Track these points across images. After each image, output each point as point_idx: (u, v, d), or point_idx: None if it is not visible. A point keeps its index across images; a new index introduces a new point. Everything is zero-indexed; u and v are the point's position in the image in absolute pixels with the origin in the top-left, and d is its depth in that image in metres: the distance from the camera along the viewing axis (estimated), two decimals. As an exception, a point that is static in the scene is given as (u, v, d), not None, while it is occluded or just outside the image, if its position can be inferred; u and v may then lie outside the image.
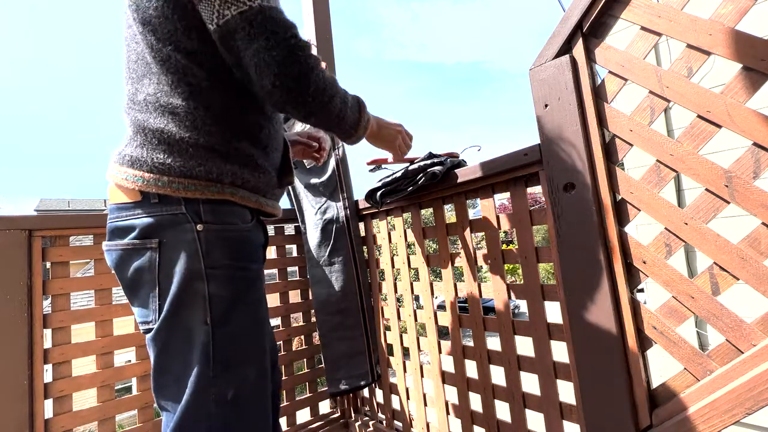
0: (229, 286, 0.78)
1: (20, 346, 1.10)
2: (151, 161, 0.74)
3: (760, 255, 0.72)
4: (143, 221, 0.75)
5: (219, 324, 0.75)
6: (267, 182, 0.86)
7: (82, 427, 1.29)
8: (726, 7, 0.76)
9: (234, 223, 0.80)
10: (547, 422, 1.05)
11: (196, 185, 0.75)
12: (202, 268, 0.75)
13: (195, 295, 0.74)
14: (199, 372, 0.74)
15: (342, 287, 1.62)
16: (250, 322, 0.82)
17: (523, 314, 17.42)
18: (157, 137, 0.75)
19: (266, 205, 0.89)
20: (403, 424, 1.55)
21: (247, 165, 0.81)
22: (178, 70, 0.75)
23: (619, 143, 0.90)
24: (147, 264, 0.75)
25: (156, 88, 0.76)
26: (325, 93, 0.75)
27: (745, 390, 0.70)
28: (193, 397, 0.74)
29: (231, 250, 0.79)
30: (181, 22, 0.73)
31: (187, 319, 0.75)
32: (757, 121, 0.72)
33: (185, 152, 0.75)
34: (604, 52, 0.92)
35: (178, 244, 0.75)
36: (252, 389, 0.80)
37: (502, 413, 1.20)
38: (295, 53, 0.69)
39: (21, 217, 1.15)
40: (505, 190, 1.14)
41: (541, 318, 1.05)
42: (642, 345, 0.86)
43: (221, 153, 0.77)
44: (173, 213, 0.75)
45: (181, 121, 0.75)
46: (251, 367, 0.81)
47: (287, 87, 0.70)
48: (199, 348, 0.74)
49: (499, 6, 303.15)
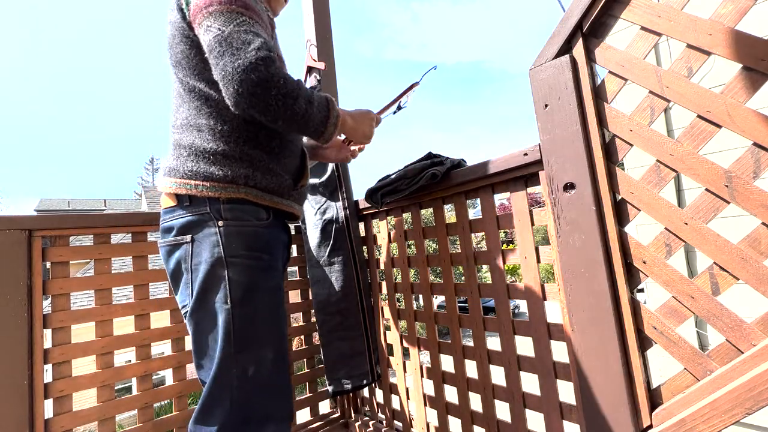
0: (246, 272, 0.91)
1: (20, 346, 1.10)
2: (182, 169, 0.92)
3: (760, 255, 0.72)
4: (181, 221, 0.92)
5: (238, 305, 0.89)
6: (280, 184, 0.99)
7: (82, 427, 1.29)
8: (726, 7, 0.76)
9: (248, 220, 0.94)
10: (547, 422, 1.05)
11: (217, 186, 0.91)
12: (223, 257, 0.89)
13: (218, 279, 0.89)
14: (222, 347, 0.88)
15: (342, 287, 1.62)
16: (267, 306, 0.94)
17: (523, 314, 17.43)
18: (187, 150, 0.93)
19: (282, 204, 1.01)
20: (403, 424, 1.55)
21: (258, 168, 0.95)
22: (201, 97, 0.93)
23: (619, 143, 0.90)
24: (183, 256, 0.92)
25: (187, 113, 0.95)
26: (288, 96, 0.82)
27: (745, 390, 0.70)
28: (219, 370, 0.87)
29: (246, 242, 0.92)
30: (197, 57, 0.91)
31: (212, 301, 0.89)
32: (757, 121, 0.72)
33: (208, 160, 0.91)
34: (604, 52, 0.92)
35: (205, 239, 0.91)
36: (271, 369, 0.93)
37: (502, 413, 1.20)
38: (256, 63, 0.79)
39: (21, 217, 1.15)
40: (505, 190, 1.14)
41: (541, 318, 1.05)
42: (642, 345, 0.85)
43: (236, 158, 0.93)
44: (201, 213, 0.91)
45: (205, 136, 0.92)
46: (269, 347, 0.93)
47: (250, 92, 0.79)
48: (223, 326, 0.88)
49: (499, 6, 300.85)
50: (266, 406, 0.92)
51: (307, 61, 1.82)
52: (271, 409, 0.93)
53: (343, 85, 23.46)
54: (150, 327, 1.36)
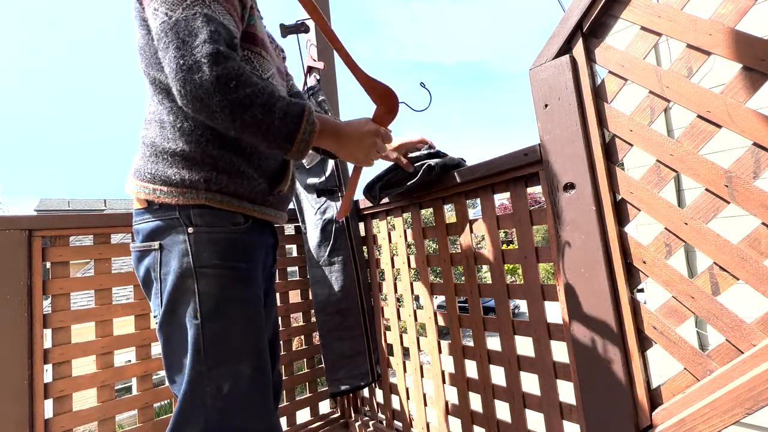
0: (218, 283, 0.83)
1: (20, 346, 1.10)
2: (144, 171, 0.84)
3: (760, 255, 0.72)
4: (148, 226, 0.85)
5: (208, 319, 0.81)
6: (252, 188, 0.88)
7: (82, 427, 1.29)
8: (726, 7, 0.76)
9: (222, 225, 0.85)
10: (547, 422, 1.05)
11: (173, 192, 0.82)
12: (192, 267, 0.81)
13: (186, 292, 0.81)
14: (191, 365, 0.80)
15: (342, 287, 1.62)
16: (243, 319, 0.86)
17: (523, 314, 17.42)
18: (149, 150, 0.84)
19: (254, 211, 0.89)
20: (403, 424, 1.55)
21: (225, 171, 0.84)
22: (162, 90, 0.83)
23: (619, 143, 0.90)
24: (152, 264, 0.85)
25: (152, 107, 0.86)
26: (236, 104, 0.70)
27: (745, 390, 0.70)
28: (189, 388, 0.80)
29: (219, 251, 0.84)
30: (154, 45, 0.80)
31: (181, 315, 0.82)
32: (757, 121, 0.72)
33: (166, 161, 0.82)
34: (604, 52, 0.92)
35: (173, 246, 0.82)
36: (249, 385, 0.84)
37: (502, 413, 1.20)
38: (199, 61, 0.68)
39: (21, 217, 1.15)
40: (505, 190, 1.14)
41: (541, 318, 1.05)
42: (642, 345, 0.85)
43: (197, 161, 0.82)
44: (170, 218, 0.83)
45: (167, 133, 0.83)
46: (246, 362, 0.84)
47: (193, 95, 0.69)
48: (192, 342, 0.80)
49: (499, 6, 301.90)
50: (244, 423, 0.84)
51: (307, 61, 1.83)
52: (249, 427, 0.85)
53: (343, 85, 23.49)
54: (150, 327, 1.35)
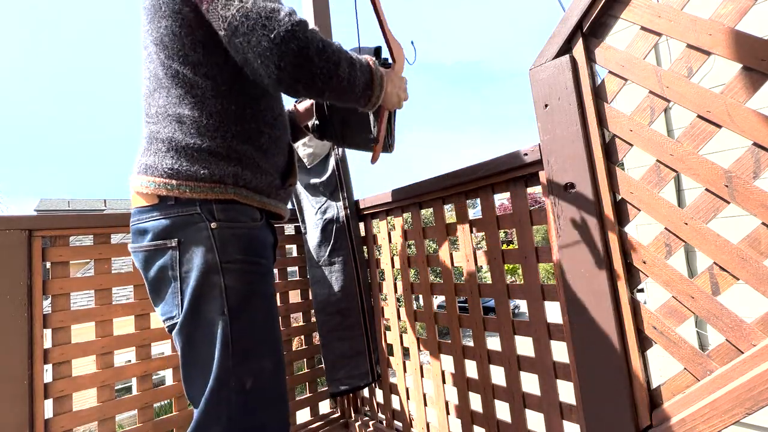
0: (243, 278, 0.83)
1: (20, 346, 1.10)
2: (161, 167, 0.82)
3: (760, 255, 0.72)
4: (161, 222, 0.82)
5: (236, 314, 0.81)
6: (269, 183, 0.91)
7: (82, 427, 1.29)
8: (726, 7, 0.76)
9: (244, 221, 0.86)
10: (547, 422, 1.05)
11: (202, 187, 0.81)
12: (217, 262, 0.81)
13: (213, 288, 0.80)
14: (220, 361, 0.80)
15: (342, 287, 1.62)
16: (265, 314, 0.88)
17: (523, 314, 17.42)
18: (166, 145, 0.82)
19: (270, 204, 0.93)
20: (403, 424, 1.55)
21: (248, 167, 0.86)
22: (185, 84, 0.82)
23: (619, 143, 0.90)
24: (169, 262, 0.82)
25: (165, 100, 0.83)
26: (330, 61, 0.76)
27: (745, 390, 0.70)
28: (216, 385, 0.79)
29: (242, 246, 0.85)
30: (188, 38, 0.80)
31: (207, 311, 0.81)
32: (757, 121, 0.72)
33: (191, 157, 0.82)
34: (604, 52, 0.92)
35: (196, 242, 0.81)
36: (270, 380, 0.86)
37: (502, 413, 1.20)
38: (293, 30, 0.71)
39: (21, 217, 1.15)
40: (505, 190, 1.14)
41: (541, 318, 1.05)
42: (642, 345, 0.85)
43: (223, 156, 0.83)
44: (189, 213, 0.82)
45: (188, 129, 0.82)
46: (267, 358, 0.86)
47: (294, 65, 0.72)
48: (220, 338, 0.80)
49: (499, 5, 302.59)
50: (263, 417, 0.85)
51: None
52: (269, 420, 0.87)
53: (343, 85, 23.40)
54: (150, 327, 1.35)
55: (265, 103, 0.91)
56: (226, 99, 0.84)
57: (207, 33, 0.80)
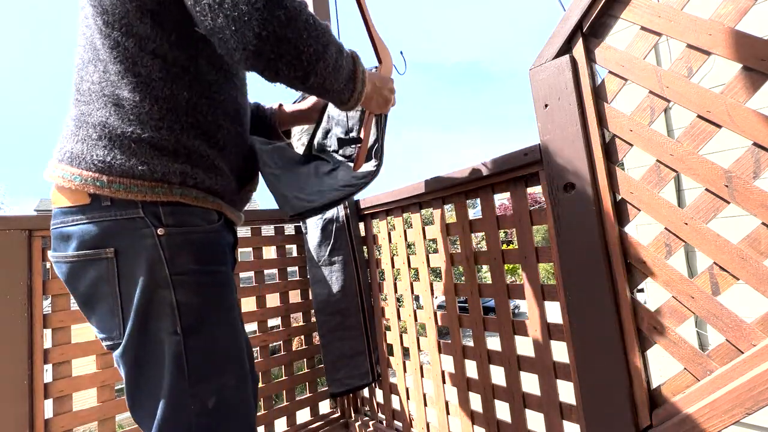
0: (199, 292, 0.72)
1: (20, 346, 1.10)
2: (90, 158, 0.67)
3: (760, 255, 0.72)
4: (93, 228, 0.68)
5: (191, 333, 0.70)
6: (225, 186, 0.79)
7: (82, 427, 1.29)
8: (726, 7, 0.76)
9: (198, 225, 0.74)
10: (547, 422, 1.05)
11: (139, 186, 0.67)
12: (167, 275, 0.69)
13: (161, 304, 0.69)
14: (173, 384, 0.69)
15: (342, 287, 1.62)
16: (226, 328, 0.78)
17: (523, 314, 17.43)
18: (98, 131, 0.67)
19: (226, 208, 0.81)
20: (403, 424, 1.55)
21: (199, 165, 0.74)
22: (127, 59, 0.67)
23: (619, 143, 0.90)
24: (105, 275, 0.69)
25: (101, 76, 0.68)
26: (319, 41, 0.63)
27: (745, 390, 0.70)
28: (170, 411, 0.69)
29: (197, 254, 0.73)
30: (133, 3, 0.66)
31: (156, 331, 0.69)
32: (757, 121, 0.72)
33: (128, 148, 0.67)
34: (604, 52, 0.92)
35: (138, 252, 0.68)
36: (234, 395, 0.77)
37: (502, 413, 1.20)
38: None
39: (21, 217, 1.15)
40: (505, 190, 1.14)
41: (541, 318, 1.05)
42: (642, 345, 0.85)
43: (168, 150, 0.70)
44: (129, 217, 0.68)
45: (126, 114, 0.67)
46: (230, 373, 0.77)
47: (276, 36, 0.58)
48: (173, 359, 0.69)
49: (499, 5, 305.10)
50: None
51: None
52: None
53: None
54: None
55: (226, 92, 0.78)
56: (177, 83, 0.70)
57: (158, 1, 0.67)
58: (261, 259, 1.66)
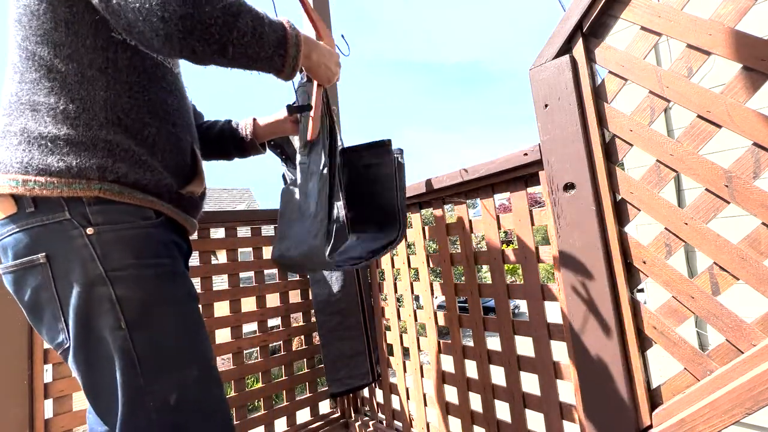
0: (140, 285, 0.72)
1: (20, 346, 1.10)
2: (10, 162, 0.68)
3: (760, 255, 0.72)
4: (23, 236, 0.69)
5: (137, 327, 0.70)
6: (156, 181, 0.77)
7: (82, 427, 1.29)
8: (726, 7, 0.76)
9: (130, 221, 0.73)
10: (547, 422, 1.05)
11: (56, 183, 0.67)
12: (101, 272, 0.69)
13: (101, 302, 0.69)
14: (125, 381, 0.69)
15: (342, 287, 1.62)
16: (180, 319, 0.77)
17: (523, 314, 17.42)
18: (17, 137, 0.69)
19: (162, 206, 0.79)
20: (403, 424, 1.55)
21: (124, 160, 0.73)
22: (42, 66, 0.70)
23: (619, 143, 0.90)
24: (42, 282, 0.69)
25: (18, 87, 0.71)
26: (227, 12, 0.65)
27: (745, 390, 0.70)
28: (127, 409, 0.69)
29: (133, 249, 0.72)
30: (47, 15, 0.69)
31: (100, 328, 0.69)
32: (757, 121, 0.72)
33: (44, 147, 0.68)
34: (604, 52, 0.92)
35: (69, 253, 0.69)
36: (199, 389, 0.76)
37: (502, 413, 1.20)
38: None
39: (21, 217, 1.14)
40: (505, 190, 1.14)
41: (541, 318, 1.05)
42: (642, 345, 0.85)
43: (86, 146, 0.70)
44: (56, 221, 0.68)
45: (42, 117, 0.69)
46: (192, 365, 0.75)
47: (177, 15, 0.60)
48: (120, 355, 0.69)
49: (499, 5, 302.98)
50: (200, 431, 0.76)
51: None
52: None
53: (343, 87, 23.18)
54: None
55: (152, 93, 0.79)
56: (94, 84, 0.71)
57: (72, 11, 0.69)
58: (261, 259, 1.66)
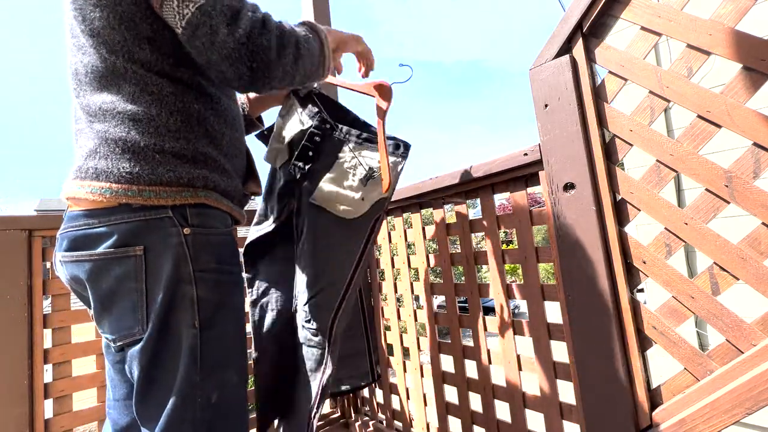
0: (216, 289, 0.78)
1: (20, 346, 1.10)
2: (117, 171, 0.71)
3: (760, 255, 0.72)
4: (121, 228, 0.72)
5: (206, 327, 0.75)
6: (235, 187, 0.86)
7: (82, 427, 1.29)
8: (726, 7, 0.76)
9: (217, 227, 0.80)
10: (547, 422, 1.05)
11: (168, 191, 0.73)
12: (190, 272, 0.74)
13: (183, 299, 0.74)
14: (186, 376, 0.73)
15: (342, 287, 1.61)
16: (235, 325, 0.83)
17: (523, 314, 17.42)
18: (120, 146, 0.72)
19: (235, 210, 0.87)
20: (403, 424, 1.55)
21: (215, 170, 0.80)
22: (138, 82, 0.73)
23: (619, 143, 0.90)
24: (132, 272, 0.72)
25: (114, 97, 0.73)
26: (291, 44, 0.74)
27: (746, 390, 0.70)
28: (180, 401, 0.73)
29: (216, 254, 0.79)
30: (130, 32, 0.71)
31: (177, 324, 0.74)
32: (757, 121, 0.72)
33: (152, 159, 0.73)
34: (604, 52, 0.92)
35: (165, 249, 0.73)
36: (234, 393, 0.81)
37: (502, 413, 1.20)
38: (259, 29, 0.69)
39: (21, 217, 1.15)
40: (505, 190, 1.14)
41: (541, 318, 1.05)
42: (642, 345, 0.85)
43: (189, 159, 0.76)
44: (158, 217, 0.73)
45: (144, 128, 0.73)
46: (233, 370, 0.81)
47: (265, 63, 0.69)
48: (187, 352, 0.74)
49: (500, 5, 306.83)
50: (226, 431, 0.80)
51: None
52: None
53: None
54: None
55: (225, 102, 0.85)
56: (187, 96, 0.77)
57: (153, 29, 0.72)
58: (261, 259, 1.66)
